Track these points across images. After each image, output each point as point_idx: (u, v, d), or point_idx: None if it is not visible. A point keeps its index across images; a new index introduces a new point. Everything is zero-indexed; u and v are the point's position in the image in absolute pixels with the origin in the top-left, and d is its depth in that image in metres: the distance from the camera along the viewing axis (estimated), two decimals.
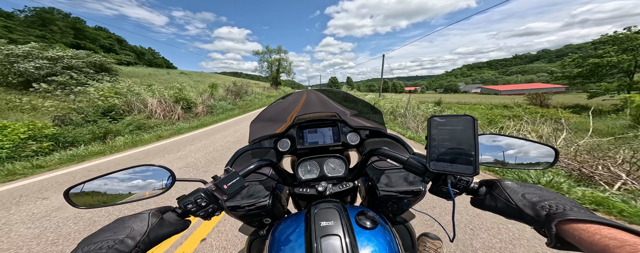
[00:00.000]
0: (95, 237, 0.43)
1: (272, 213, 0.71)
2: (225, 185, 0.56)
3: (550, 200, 0.43)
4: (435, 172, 0.52)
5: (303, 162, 0.88)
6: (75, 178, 3.64)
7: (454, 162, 0.48)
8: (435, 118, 0.51)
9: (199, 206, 0.55)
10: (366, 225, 0.56)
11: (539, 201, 0.43)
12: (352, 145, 0.96)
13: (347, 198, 0.92)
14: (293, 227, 0.59)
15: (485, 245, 1.86)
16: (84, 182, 0.54)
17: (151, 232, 0.47)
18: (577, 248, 0.37)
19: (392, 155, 0.64)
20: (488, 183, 0.54)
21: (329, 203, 0.61)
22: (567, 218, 0.37)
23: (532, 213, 0.42)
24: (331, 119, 0.98)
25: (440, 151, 0.49)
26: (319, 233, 0.51)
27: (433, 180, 0.57)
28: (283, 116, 1.08)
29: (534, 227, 0.43)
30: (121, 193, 0.56)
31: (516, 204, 0.45)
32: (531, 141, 0.59)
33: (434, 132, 0.50)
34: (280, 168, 0.77)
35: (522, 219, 0.44)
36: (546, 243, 0.40)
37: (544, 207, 0.41)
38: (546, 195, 0.45)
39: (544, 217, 0.40)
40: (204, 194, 0.56)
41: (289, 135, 0.97)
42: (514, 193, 0.47)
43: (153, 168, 0.59)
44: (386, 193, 0.71)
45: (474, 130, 0.46)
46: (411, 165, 0.58)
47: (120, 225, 0.46)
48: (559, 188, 2.72)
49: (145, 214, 0.49)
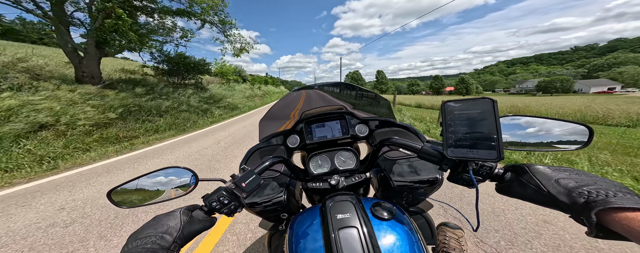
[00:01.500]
0: (139, 233, 0.48)
1: (288, 208, 0.73)
2: (243, 183, 0.59)
3: (590, 185, 0.38)
4: (454, 159, 0.49)
5: (314, 157, 0.89)
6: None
7: (475, 148, 0.45)
8: (450, 103, 0.48)
9: (222, 204, 0.58)
10: (383, 216, 0.55)
11: (576, 187, 0.38)
12: (361, 137, 0.95)
13: (360, 190, 0.92)
14: (309, 221, 0.61)
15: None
16: (122, 184, 0.60)
17: (184, 229, 0.50)
18: (623, 237, 0.33)
19: (406, 144, 0.62)
20: (515, 168, 0.49)
21: (343, 196, 0.62)
22: (611, 206, 0.33)
23: (567, 201, 0.38)
24: (338, 112, 0.97)
25: (458, 137, 0.47)
26: (336, 225, 0.52)
27: (452, 168, 0.54)
28: (289, 112, 1.10)
29: (570, 214, 0.38)
30: (153, 193, 0.61)
31: (548, 191, 0.41)
32: (560, 120, 0.53)
33: (449, 117, 0.48)
34: (292, 164, 0.79)
35: (557, 207, 0.40)
36: (586, 233, 0.36)
37: (581, 194, 0.37)
38: (585, 180, 0.40)
39: (582, 205, 0.36)
40: (226, 192, 0.59)
41: (297, 131, 0.98)
42: (545, 179, 0.43)
43: (179, 170, 0.63)
44: (400, 184, 0.70)
45: (494, 112, 0.43)
46: (427, 153, 0.56)
47: (158, 223, 0.50)
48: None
49: (177, 212, 0.53)
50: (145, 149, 5.22)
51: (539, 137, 0.54)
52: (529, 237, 1.73)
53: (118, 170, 3.82)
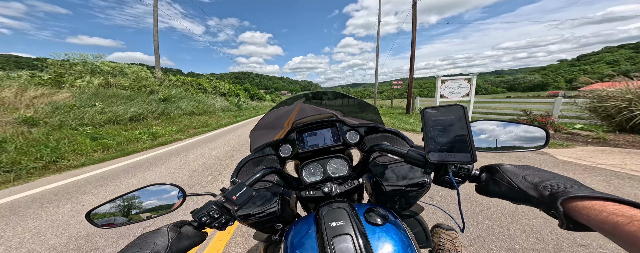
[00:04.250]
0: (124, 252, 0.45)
1: (282, 218, 0.73)
2: (234, 195, 0.58)
3: (551, 179, 0.42)
4: (435, 163, 0.53)
5: (306, 165, 0.90)
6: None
7: (452, 151, 0.49)
8: (428, 109, 0.52)
9: (213, 218, 0.57)
10: (376, 222, 0.57)
11: (540, 182, 0.43)
12: (352, 144, 0.97)
13: (354, 196, 0.93)
14: (304, 230, 0.61)
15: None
16: (103, 204, 0.57)
17: (173, 246, 0.48)
18: (589, 228, 0.35)
19: (392, 149, 0.65)
20: (488, 168, 0.54)
21: (336, 204, 0.63)
22: (571, 195, 0.36)
23: (536, 195, 0.41)
24: (329, 120, 0.99)
25: (437, 141, 0.50)
26: (330, 233, 0.52)
27: (435, 171, 0.57)
28: (282, 122, 1.11)
29: (541, 208, 0.41)
30: (138, 211, 0.58)
31: (519, 187, 0.44)
32: (522, 123, 0.61)
33: (429, 123, 0.52)
34: (284, 174, 0.79)
35: (529, 202, 0.43)
36: (558, 225, 0.38)
37: (545, 187, 0.41)
38: (545, 175, 0.44)
39: (549, 197, 0.39)
40: (216, 206, 0.58)
41: (289, 140, 0.99)
42: (514, 176, 0.47)
43: (165, 187, 0.61)
44: (392, 188, 0.72)
45: (465, 118, 0.48)
46: (411, 157, 0.59)
47: (144, 241, 0.47)
48: None
49: (164, 229, 0.51)
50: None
51: (505, 139, 0.60)
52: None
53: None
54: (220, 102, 19.37)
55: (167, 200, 0.61)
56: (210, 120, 12.71)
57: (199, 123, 11.08)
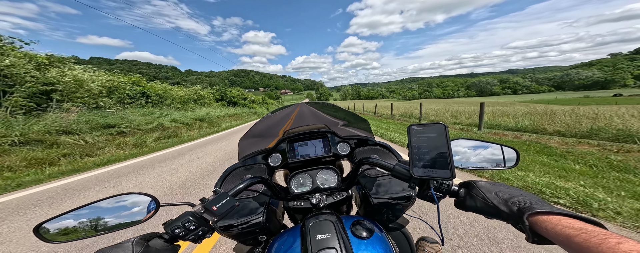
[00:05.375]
0: None
1: (267, 229, 0.70)
2: (214, 206, 0.55)
3: (519, 196, 0.46)
4: (418, 178, 0.55)
5: (295, 175, 0.88)
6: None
7: (434, 167, 0.51)
8: (414, 127, 0.55)
9: (188, 230, 0.53)
10: (362, 235, 0.57)
11: (510, 198, 0.46)
12: (343, 155, 0.98)
13: (343, 208, 0.93)
14: (289, 243, 0.59)
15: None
16: (58, 216, 0.50)
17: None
18: (551, 242, 0.39)
19: (380, 163, 0.66)
20: (466, 184, 0.57)
21: (323, 216, 0.62)
22: (535, 211, 0.40)
23: (506, 210, 0.45)
24: (321, 131, 1.00)
25: (421, 157, 0.53)
26: (315, 247, 0.51)
27: (419, 185, 0.59)
28: (275, 131, 1.09)
29: (511, 223, 0.45)
30: (101, 224, 0.52)
31: (492, 202, 0.48)
32: (496, 143, 0.66)
33: (414, 140, 0.54)
34: (272, 184, 0.77)
35: (500, 216, 0.47)
36: (526, 239, 0.42)
37: (514, 203, 0.44)
38: (514, 192, 0.48)
39: (516, 212, 0.43)
40: (193, 217, 0.54)
41: (279, 150, 0.97)
42: (488, 192, 0.50)
43: (135, 196, 0.56)
44: (379, 200, 0.73)
45: (446, 136, 0.51)
46: (397, 172, 0.61)
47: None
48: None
49: (128, 243, 0.46)
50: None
51: (481, 157, 0.64)
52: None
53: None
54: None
55: (138, 211, 0.55)
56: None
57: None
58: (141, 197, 0.57)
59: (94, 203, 0.53)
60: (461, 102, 40.99)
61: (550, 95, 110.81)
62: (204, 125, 13.27)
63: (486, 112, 9.58)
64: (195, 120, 13.34)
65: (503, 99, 55.31)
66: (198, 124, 12.92)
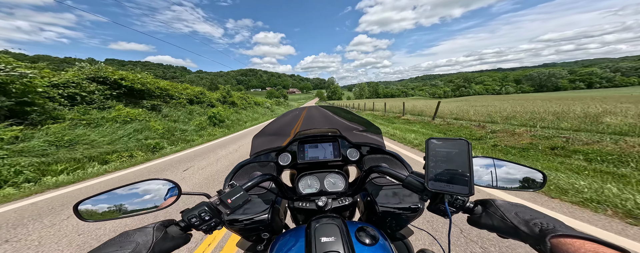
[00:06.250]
0: (99, 250, 0.42)
1: (270, 227, 0.72)
2: (230, 199, 0.57)
3: (541, 218, 0.46)
4: (432, 191, 0.54)
5: (303, 177, 0.90)
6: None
7: (451, 182, 0.50)
8: (433, 140, 0.54)
9: (203, 220, 0.56)
10: (366, 242, 0.57)
11: (531, 219, 0.46)
12: (351, 161, 0.98)
13: (346, 213, 0.93)
14: (293, 242, 0.60)
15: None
16: (92, 196, 0.55)
17: (156, 246, 0.47)
18: None
19: (392, 173, 0.66)
20: (483, 202, 0.56)
21: (329, 219, 0.63)
22: (558, 233, 0.40)
23: (527, 230, 0.45)
24: (332, 135, 1.01)
25: (437, 172, 0.52)
26: (320, 249, 0.52)
27: (431, 199, 0.58)
28: (287, 130, 1.11)
29: (529, 243, 0.45)
30: (128, 206, 0.57)
31: (511, 222, 0.48)
32: (520, 165, 0.62)
33: (432, 153, 0.53)
34: (281, 182, 0.79)
35: (518, 236, 0.47)
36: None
37: (536, 224, 0.45)
38: (535, 214, 0.48)
39: (539, 233, 0.43)
40: (208, 208, 0.57)
41: (289, 150, 0.99)
42: (507, 211, 0.50)
43: (160, 182, 0.60)
44: (385, 209, 0.73)
45: (468, 153, 0.50)
46: (410, 183, 0.60)
47: (126, 239, 0.46)
48: None
49: (149, 228, 0.50)
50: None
51: (503, 177, 0.62)
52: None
53: None
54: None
55: (161, 196, 0.60)
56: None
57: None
58: (166, 183, 0.61)
59: (127, 185, 0.58)
60: (526, 98, 29.51)
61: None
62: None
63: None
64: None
65: (591, 93, 38.54)
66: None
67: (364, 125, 1.16)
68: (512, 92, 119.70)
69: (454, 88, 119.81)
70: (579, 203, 2.70)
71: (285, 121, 1.13)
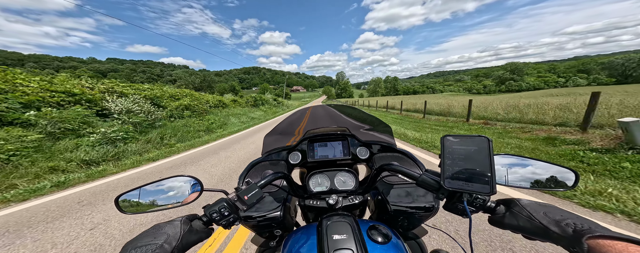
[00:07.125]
0: (138, 241, 0.47)
1: (282, 224, 0.73)
2: (246, 196, 0.60)
3: (573, 218, 0.43)
4: (450, 190, 0.52)
5: (314, 175, 0.91)
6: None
7: (470, 181, 0.48)
8: (449, 137, 0.52)
9: (222, 215, 0.59)
10: (378, 240, 0.56)
11: (562, 219, 0.43)
12: (361, 160, 0.98)
13: (356, 211, 0.93)
14: (304, 239, 0.61)
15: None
16: (129, 191, 0.61)
17: (183, 238, 0.50)
18: None
19: (405, 171, 0.64)
20: (506, 202, 0.54)
21: (341, 217, 0.63)
22: (596, 234, 0.37)
23: (558, 231, 0.42)
24: (341, 133, 1.01)
25: (455, 170, 0.50)
26: (332, 246, 0.52)
27: (448, 198, 0.57)
28: (293, 129, 1.13)
29: (562, 245, 0.42)
30: (158, 200, 0.62)
31: (540, 221, 0.45)
32: (549, 163, 0.58)
33: (448, 151, 0.51)
34: (292, 180, 0.80)
35: (548, 237, 0.44)
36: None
37: (568, 225, 0.41)
38: (566, 214, 0.45)
39: (573, 234, 0.40)
40: (227, 204, 0.60)
41: (300, 149, 1.01)
42: (535, 211, 0.47)
43: (185, 179, 0.65)
44: (397, 208, 0.72)
45: (489, 150, 0.47)
46: (424, 181, 0.59)
47: (158, 231, 0.50)
48: None
49: (177, 221, 0.54)
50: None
51: (528, 176, 0.57)
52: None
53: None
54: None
55: (185, 192, 0.64)
56: None
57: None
58: (190, 179, 0.66)
59: (157, 181, 0.63)
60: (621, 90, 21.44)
61: None
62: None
63: None
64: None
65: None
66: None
67: (374, 123, 1.14)
68: (583, 84, 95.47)
69: (498, 82, 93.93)
70: None
71: (293, 118, 1.16)
